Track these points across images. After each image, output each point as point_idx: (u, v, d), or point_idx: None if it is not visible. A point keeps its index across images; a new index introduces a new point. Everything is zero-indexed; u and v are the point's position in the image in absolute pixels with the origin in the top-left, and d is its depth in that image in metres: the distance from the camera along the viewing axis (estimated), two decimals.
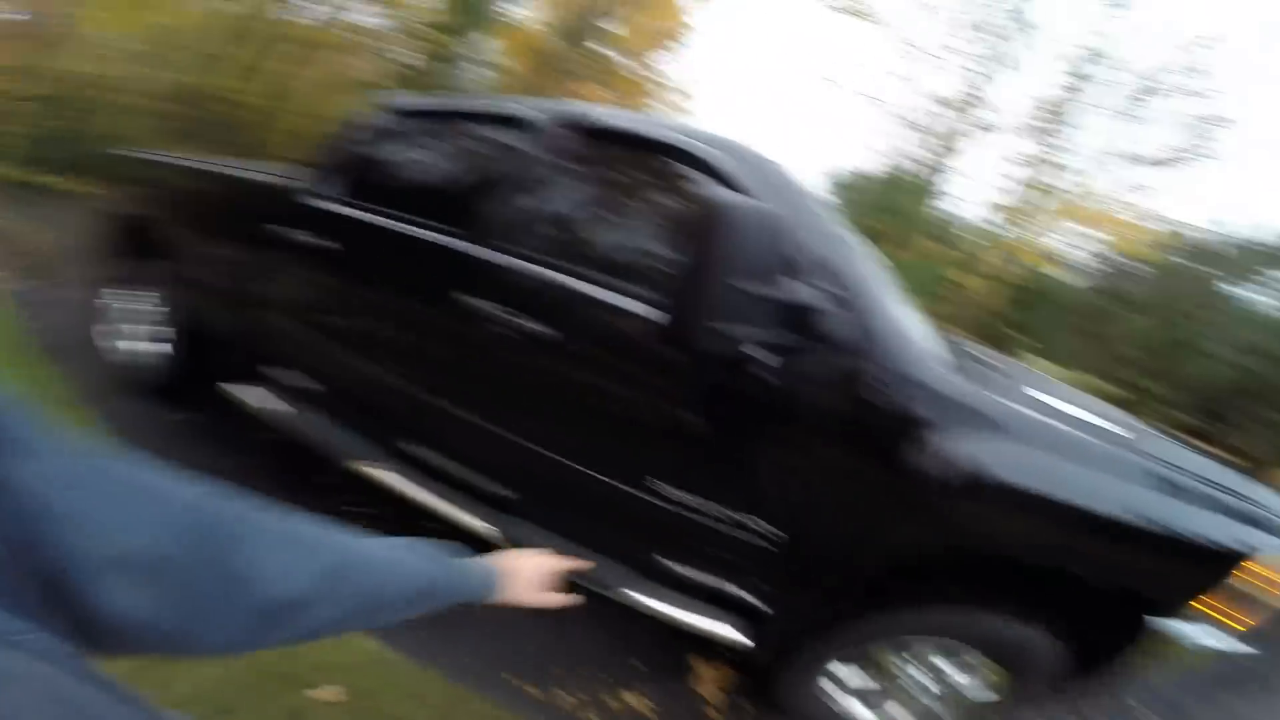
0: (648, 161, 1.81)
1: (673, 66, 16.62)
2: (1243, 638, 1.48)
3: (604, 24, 15.60)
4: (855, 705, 1.74)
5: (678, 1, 15.86)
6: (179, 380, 2.73)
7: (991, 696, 1.62)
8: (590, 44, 15.51)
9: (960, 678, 1.63)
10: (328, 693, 1.61)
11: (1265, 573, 1.38)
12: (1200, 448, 1.88)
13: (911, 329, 1.55)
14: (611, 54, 16.50)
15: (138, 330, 2.87)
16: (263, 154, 11.49)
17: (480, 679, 1.79)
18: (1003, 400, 1.46)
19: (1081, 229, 16.60)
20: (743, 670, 1.99)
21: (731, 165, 1.62)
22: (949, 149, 16.30)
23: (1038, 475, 1.37)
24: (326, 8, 11.77)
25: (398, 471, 1.97)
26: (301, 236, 2.14)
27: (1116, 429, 1.62)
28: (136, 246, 2.85)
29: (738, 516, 1.55)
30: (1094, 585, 1.48)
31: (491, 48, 15.11)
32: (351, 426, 2.12)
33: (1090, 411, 1.76)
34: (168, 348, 2.71)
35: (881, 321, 1.46)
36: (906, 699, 1.69)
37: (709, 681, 1.96)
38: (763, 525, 1.54)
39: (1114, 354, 15.16)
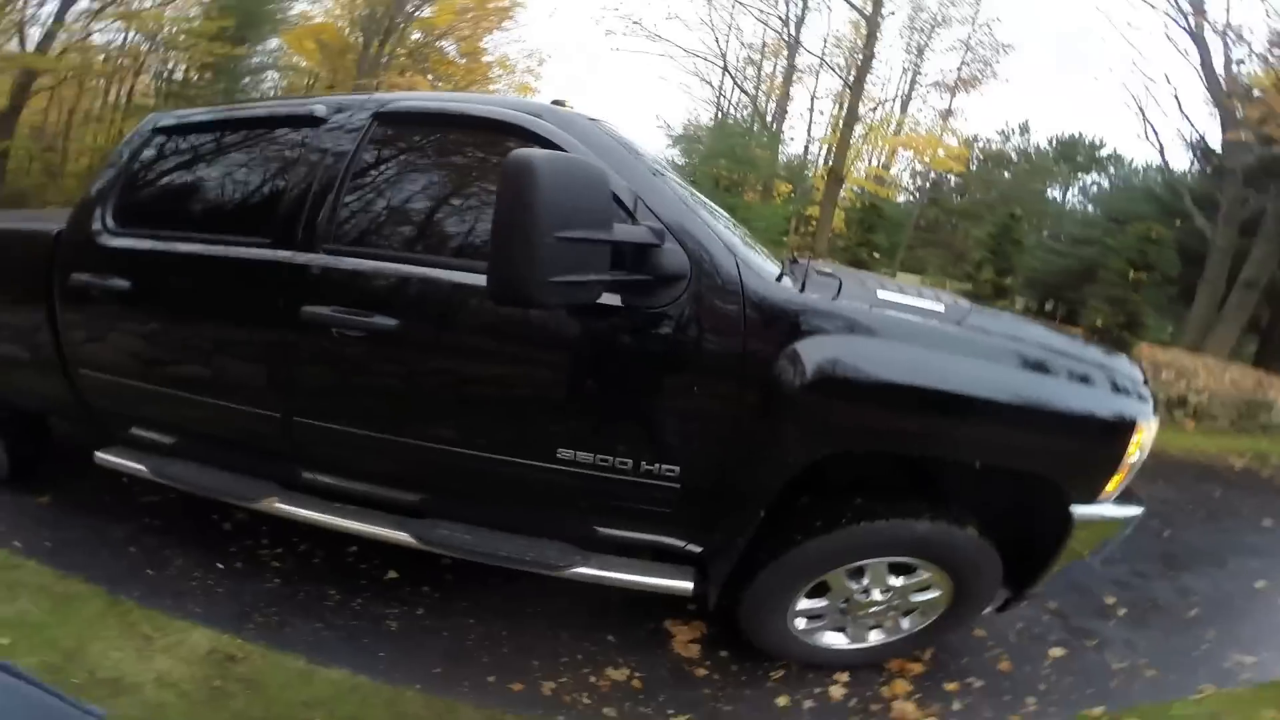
0: (471, 139, 1.78)
1: (507, 45, 16.16)
2: (1123, 500, 1.66)
3: (419, 11, 14.72)
4: (827, 634, 1.85)
5: None
6: (22, 464, 2.44)
7: (945, 601, 1.76)
8: (401, 33, 14.62)
9: (918, 595, 1.76)
10: None
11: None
12: (1056, 328, 2.11)
13: (742, 250, 1.62)
14: (436, 39, 15.69)
15: None
16: (23, 199, 9.82)
17: (459, 685, 1.74)
18: (851, 302, 1.56)
19: (900, 152, 18.55)
20: (715, 623, 2.03)
21: (545, 127, 1.62)
22: (769, 92, 17.36)
23: (901, 367, 1.45)
24: (64, 35, 10.14)
25: (298, 502, 1.86)
26: (102, 281, 1.92)
27: (979, 317, 1.74)
28: None
29: (635, 463, 1.56)
30: (1006, 477, 1.60)
31: (274, 48, 13.81)
32: (236, 467, 1.98)
33: (941, 302, 1.90)
34: None
35: (710, 246, 1.52)
36: (872, 618, 1.81)
37: (685, 640, 1.99)
38: (659, 466, 1.56)
39: (959, 258, 17.29)
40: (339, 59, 14.26)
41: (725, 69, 16.84)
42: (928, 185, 22.44)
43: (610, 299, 1.46)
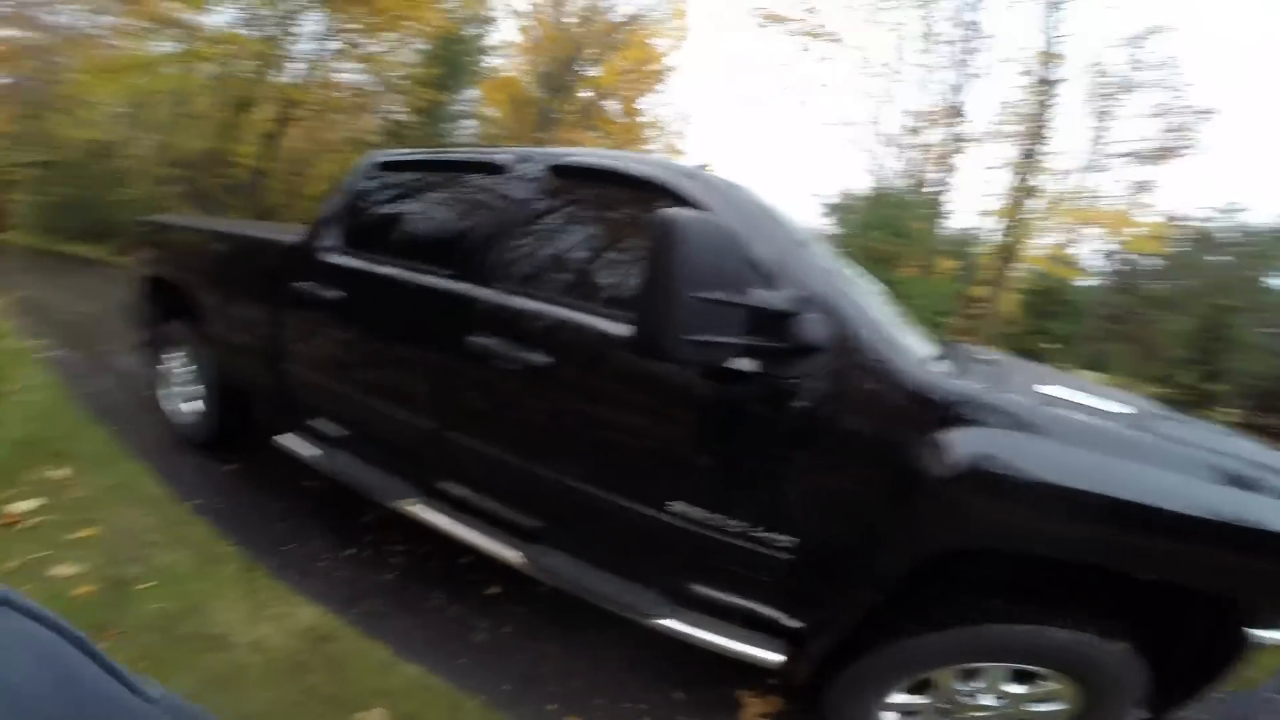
0: (626, 196, 1.89)
1: (659, 107, 17.23)
2: None
3: (584, 70, 16.18)
4: None
5: (656, 45, 16.41)
6: (224, 433, 2.94)
7: (1067, 716, 1.54)
8: (572, 91, 16.07)
9: (1038, 706, 1.56)
10: (373, 715, 1.65)
11: None
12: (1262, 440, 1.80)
13: (890, 327, 1.56)
14: (597, 99, 17.11)
15: (182, 389, 3.07)
16: (271, 214, 11.91)
17: (521, 707, 1.80)
18: (1012, 395, 1.44)
19: (1085, 230, 16.65)
20: (794, 701, 1.94)
21: (691, 189, 1.69)
22: (934, 162, 16.51)
23: (1067, 468, 1.31)
24: (319, 71, 12.39)
25: (434, 508, 2.05)
26: (316, 290, 2.28)
27: (1161, 421, 1.56)
28: (164, 309, 3.07)
29: (748, 528, 1.54)
30: (1178, 593, 1.41)
31: (472, 98, 15.70)
32: (389, 468, 2.21)
33: (1126, 404, 1.71)
34: (207, 404, 2.90)
35: (854, 319, 1.48)
36: None
37: (756, 713, 1.91)
38: (774, 536, 1.52)
39: (1153, 354, 14.77)
40: (522, 111, 15.98)
41: (882, 136, 16.39)
42: (1118, 268, 19.87)
43: (748, 364, 1.47)
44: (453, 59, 13.54)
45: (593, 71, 16.32)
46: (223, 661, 1.77)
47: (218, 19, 11.47)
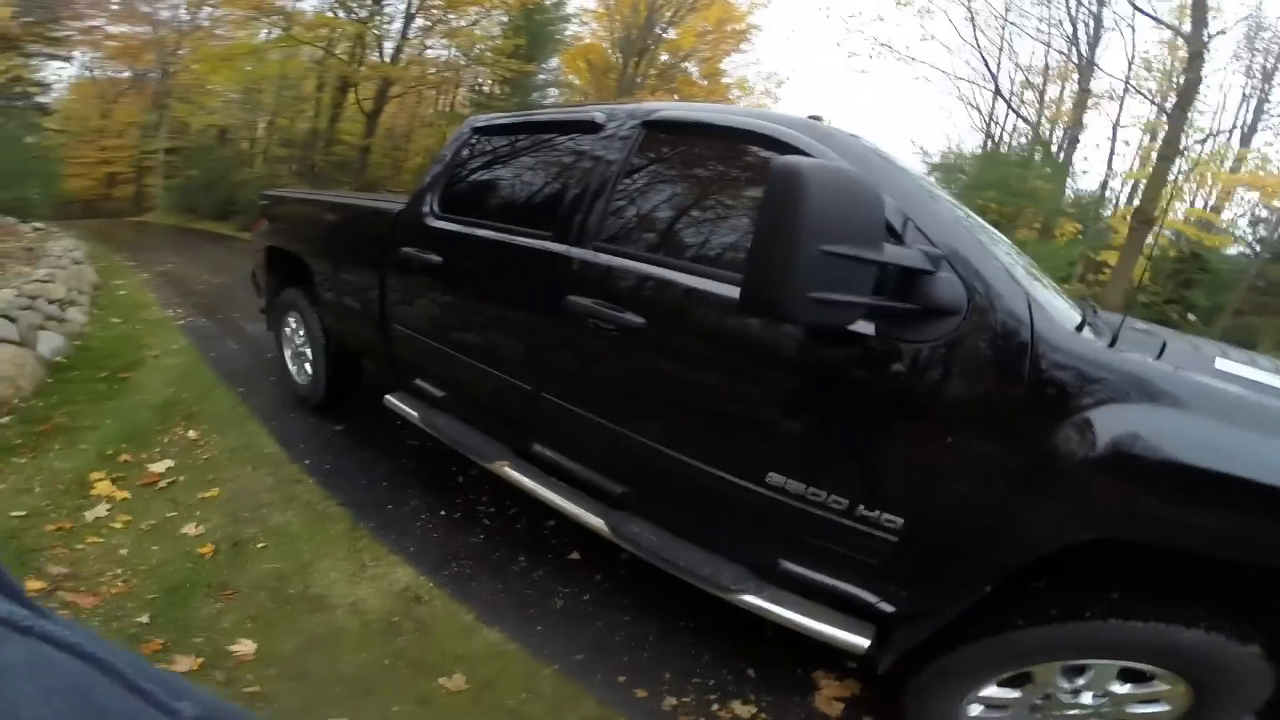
0: (730, 150, 1.79)
1: (746, 67, 16.46)
2: None
3: (665, 34, 15.74)
4: None
5: (738, 3, 15.71)
6: (335, 394, 3.12)
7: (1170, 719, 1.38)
8: (652, 54, 15.72)
9: (1139, 707, 1.40)
10: (454, 681, 1.71)
11: None
12: None
13: (1037, 290, 1.38)
14: (677, 61, 16.66)
15: (298, 353, 3.28)
16: (375, 186, 12.59)
17: (592, 677, 1.80)
18: (1179, 369, 1.24)
19: (1236, 194, 14.58)
20: (872, 687, 1.85)
21: (805, 141, 1.55)
22: (1058, 119, 14.88)
23: (1220, 452, 1.13)
24: (410, 49, 12.79)
25: (525, 471, 2.07)
26: (419, 254, 2.33)
27: None
28: (283, 277, 3.27)
29: (851, 505, 1.43)
30: None
31: (554, 67, 15.71)
32: (486, 429, 2.26)
33: None
34: (319, 367, 3.08)
35: (994, 280, 1.31)
36: None
37: (830, 696, 1.83)
38: (880, 515, 1.41)
39: None
40: (603, 78, 15.87)
41: (997, 92, 14.94)
42: (1275, 236, 17.29)
43: (863, 326, 1.34)
44: (534, 29, 13.60)
45: (671, 34, 15.89)
46: (324, 623, 1.87)
47: (313, 2, 12.07)
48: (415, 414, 2.40)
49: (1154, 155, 12.04)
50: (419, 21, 12.88)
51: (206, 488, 2.50)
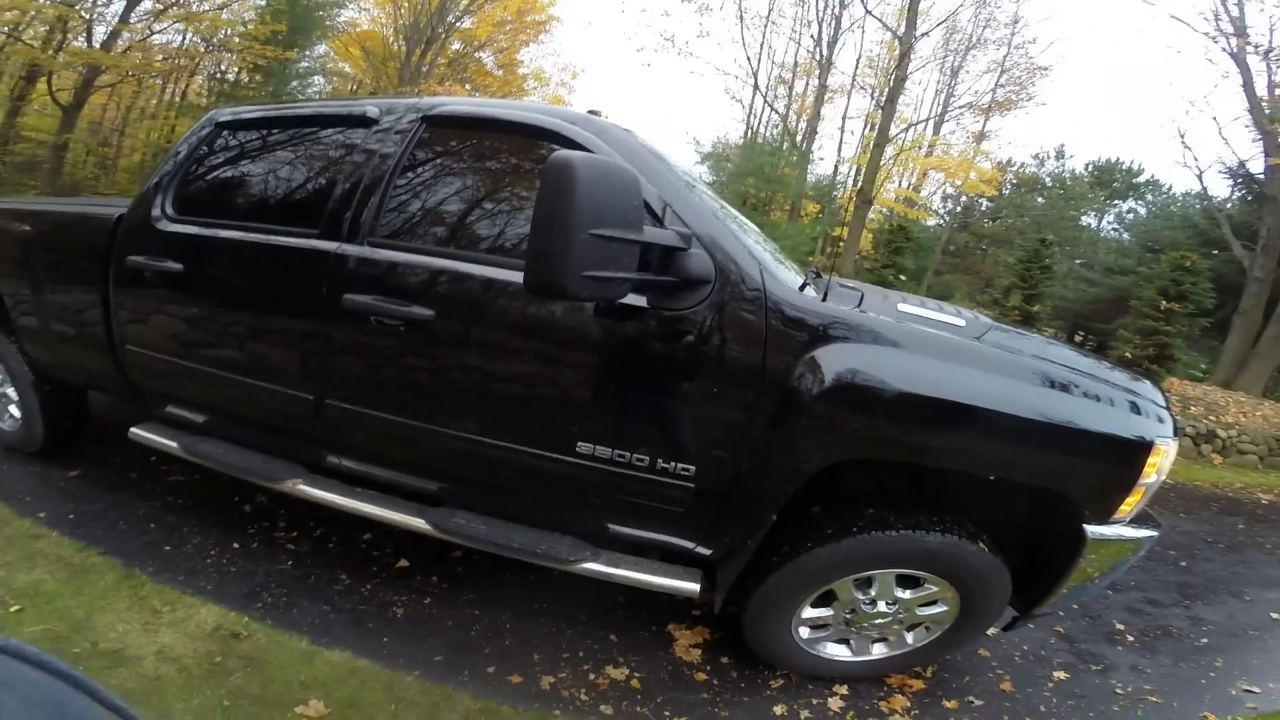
0: (510, 143, 1.85)
1: (544, 58, 16.45)
2: (1138, 523, 1.65)
3: (460, 22, 15.13)
4: (830, 645, 1.87)
5: None
6: (58, 436, 2.58)
7: (952, 617, 1.77)
8: (442, 43, 15.02)
9: (925, 609, 1.77)
10: (312, 708, 1.58)
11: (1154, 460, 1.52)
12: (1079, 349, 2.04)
13: (768, 260, 1.66)
14: (474, 50, 16.11)
15: (1, 394, 2.62)
16: (78, 189, 10.26)
17: (459, 675, 1.78)
18: (872, 313, 1.58)
19: (932, 175, 18.42)
20: (719, 628, 2.06)
21: (581, 135, 1.69)
22: (803, 112, 17.39)
23: (920, 378, 1.47)
24: (127, 34, 10.62)
25: (322, 485, 1.93)
26: (156, 263, 2.03)
27: (1001, 335, 1.75)
28: None
29: (651, 461, 1.60)
30: (1021, 493, 1.61)
31: (321, 53, 14.24)
32: (267, 449, 2.05)
33: (964, 319, 1.90)
34: (26, 406, 2.52)
35: (735, 254, 1.56)
36: (876, 630, 1.82)
37: (687, 644, 2.01)
38: (675, 465, 1.59)
39: (988, 284, 16.99)
40: (383, 66, 14.69)
41: (756, 87, 16.95)
42: (958, 209, 22.22)
43: (636, 300, 1.51)
44: (299, 13, 12.04)
45: (466, 23, 15.25)
46: (132, 676, 1.61)
47: None
48: (174, 444, 2.09)
49: (870, 144, 14.67)
50: (146, 4, 10.62)
51: None
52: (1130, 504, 1.58)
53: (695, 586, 1.71)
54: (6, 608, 1.77)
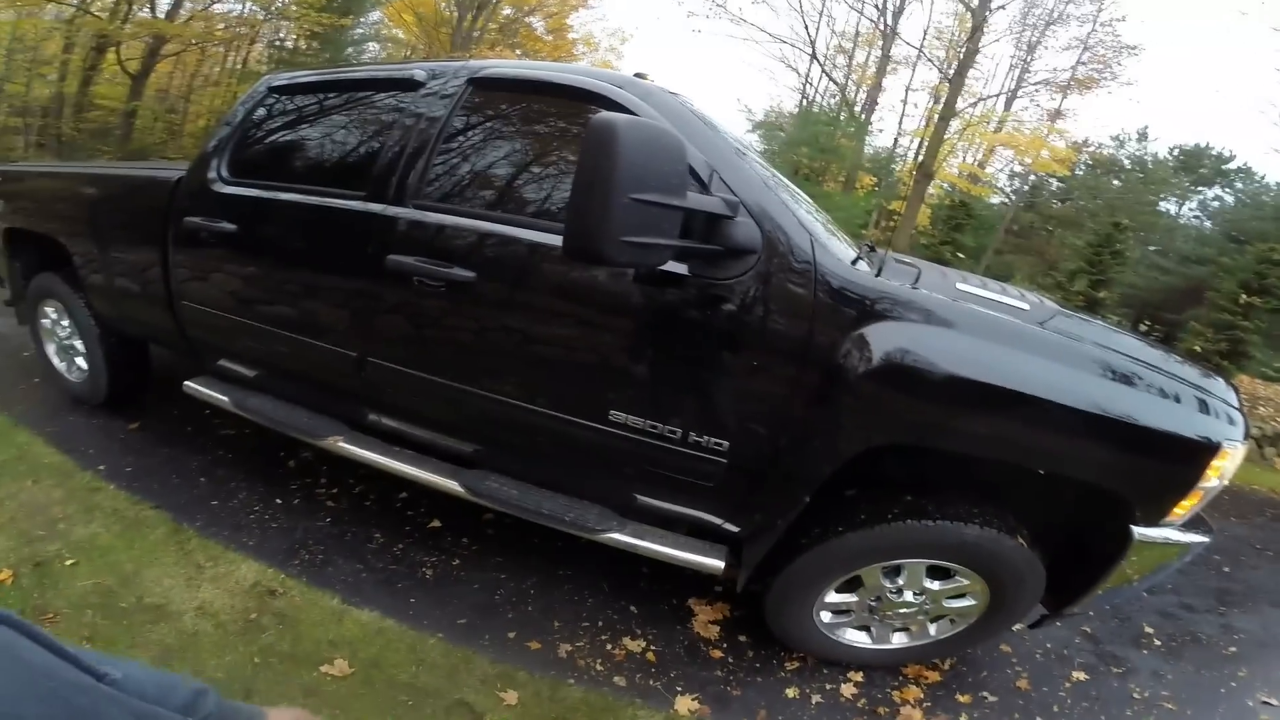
0: (555, 105, 1.81)
1: (593, 22, 16.15)
2: (1189, 527, 1.53)
3: None
4: (850, 632, 1.83)
5: None
6: (121, 388, 2.70)
7: (979, 611, 1.70)
8: (493, 7, 14.90)
9: (952, 601, 1.70)
10: (337, 667, 1.63)
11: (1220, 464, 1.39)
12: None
13: (819, 231, 1.57)
14: (524, 15, 15.96)
15: (69, 346, 2.77)
16: (147, 154, 10.72)
17: (480, 639, 1.81)
18: (927, 291, 1.48)
19: (1000, 152, 17.40)
20: (740, 606, 2.04)
21: (626, 98, 1.63)
22: (860, 82, 16.60)
23: (975, 362, 1.36)
24: (189, 4, 10.91)
25: (363, 443, 1.96)
26: (211, 224, 2.08)
27: (1066, 321, 1.61)
28: (31, 262, 2.76)
29: (684, 433, 1.56)
30: (1066, 489, 1.51)
31: (375, 20, 14.31)
32: (311, 405, 2.10)
33: (1029, 303, 1.77)
34: (94, 359, 2.64)
35: (784, 224, 1.48)
36: (899, 619, 1.77)
37: (706, 620, 2.00)
38: (708, 439, 1.55)
39: (1052, 267, 16.10)
40: (435, 32, 14.69)
41: (814, 56, 16.21)
42: (1026, 188, 20.96)
43: (677, 268, 1.46)
44: None
45: None
46: (172, 631, 1.69)
47: None
48: (225, 398, 2.17)
49: (935, 117, 13.91)
50: None
51: None
52: (1185, 507, 1.46)
53: (720, 563, 1.67)
54: (63, 561, 1.88)
